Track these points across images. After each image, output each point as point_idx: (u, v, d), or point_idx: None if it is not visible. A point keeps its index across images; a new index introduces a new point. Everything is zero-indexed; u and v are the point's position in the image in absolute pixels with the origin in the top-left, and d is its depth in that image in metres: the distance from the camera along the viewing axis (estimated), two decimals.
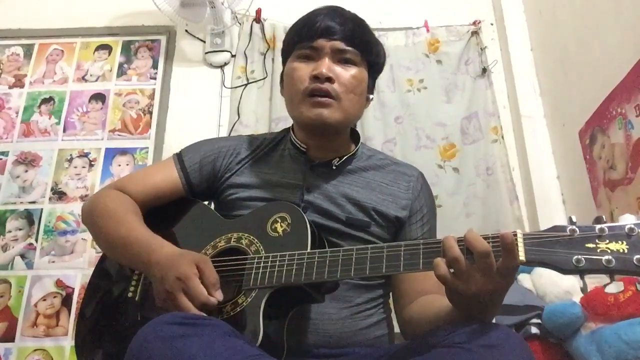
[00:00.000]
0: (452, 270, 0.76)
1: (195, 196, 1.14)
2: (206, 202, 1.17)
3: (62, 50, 2.44)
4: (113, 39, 2.46)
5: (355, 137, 1.20)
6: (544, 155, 2.09)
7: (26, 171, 2.21)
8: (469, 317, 0.80)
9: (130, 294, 1.00)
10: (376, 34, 2.32)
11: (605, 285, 0.71)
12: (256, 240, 0.96)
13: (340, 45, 1.07)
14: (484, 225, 1.99)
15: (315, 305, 0.98)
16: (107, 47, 2.44)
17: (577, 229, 0.72)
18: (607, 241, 0.70)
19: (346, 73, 1.08)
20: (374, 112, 2.21)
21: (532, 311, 1.41)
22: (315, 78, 1.05)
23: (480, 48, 2.33)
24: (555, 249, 0.72)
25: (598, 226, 0.71)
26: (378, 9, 2.44)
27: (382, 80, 2.26)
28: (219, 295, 0.86)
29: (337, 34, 1.07)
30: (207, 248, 1.01)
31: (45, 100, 2.34)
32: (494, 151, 2.15)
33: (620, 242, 0.69)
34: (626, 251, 0.69)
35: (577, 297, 1.37)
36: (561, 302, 1.39)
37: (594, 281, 1.41)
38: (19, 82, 2.38)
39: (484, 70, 2.28)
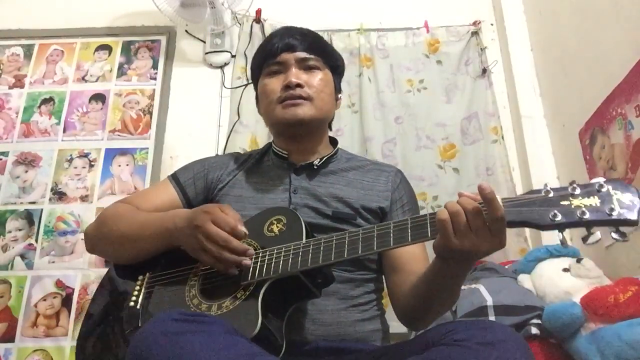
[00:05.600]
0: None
1: None
2: None
3: (62, 51, 2.45)
4: (113, 39, 2.46)
5: (333, 143, 1.29)
6: (544, 155, 2.09)
7: (26, 171, 2.21)
8: (448, 271, 0.89)
9: (132, 303, 1.02)
10: (376, 34, 2.36)
11: (584, 239, 0.76)
12: (253, 241, 0.98)
13: (302, 54, 1.19)
14: None
15: (311, 300, 1.01)
16: (107, 48, 2.45)
17: (551, 190, 0.78)
18: (580, 198, 0.76)
19: (313, 77, 1.19)
20: (374, 112, 2.21)
21: (532, 311, 1.41)
22: (287, 87, 1.16)
23: (480, 48, 2.33)
24: (533, 208, 0.78)
25: (570, 186, 0.77)
26: (378, 9, 2.44)
27: (382, 80, 2.27)
28: (245, 229, 0.92)
29: (297, 47, 1.19)
30: None
31: (45, 101, 2.34)
32: (494, 151, 2.15)
33: (592, 197, 0.75)
34: (598, 204, 0.74)
35: (577, 297, 1.37)
36: (561, 303, 1.39)
37: (593, 281, 1.41)
38: (19, 83, 2.38)
39: (484, 70, 2.28)
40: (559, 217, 0.75)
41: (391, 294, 1.13)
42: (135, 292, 1.03)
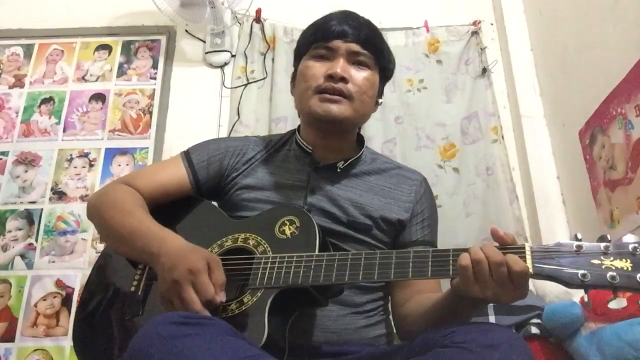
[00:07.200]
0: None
1: (201, 194, 1.15)
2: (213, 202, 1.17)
3: (62, 50, 2.44)
4: (113, 39, 2.46)
5: (360, 141, 1.22)
6: (544, 155, 2.08)
7: (26, 171, 2.21)
8: (463, 307, 0.88)
9: (133, 288, 1.00)
10: None
11: (608, 301, 0.74)
12: (264, 241, 0.96)
13: (355, 47, 1.10)
14: (483, 225, 1.98)
15: None
16: (107, 47, 2.44)
17: (582, 245, 0.76)
18: (612, 258, 0.73)
19: (360, 75, 1.10)
20: (374, 112, 2.20)
21: (532, 311, 1.42)
22: (330, 77, 1.08)
23: (480, 48, 2.33)
24: (562, 264, 0.75)
25: (603, 244, 0.74)
26: (378, 9, 2.43)
27: None
28: (222, 297, 0.86)
29: (352, 37, 1.10)
30: (214, 247, 1.01)
31: (45, 100, 2.34)
32: (494, 151, 2.15)
33: (624, 260, 0.73)
34: (630, 269, 0.72)
35: (577, 297, 1.37)
36: (561, 302, 1.39)
37: None
38: (19, 82, 2.38)
39: (484, 70, 2.28)
40: (588, 279, 0.73)
41: (394, 307, 1.10)
42: (137, 277, 1.01)
